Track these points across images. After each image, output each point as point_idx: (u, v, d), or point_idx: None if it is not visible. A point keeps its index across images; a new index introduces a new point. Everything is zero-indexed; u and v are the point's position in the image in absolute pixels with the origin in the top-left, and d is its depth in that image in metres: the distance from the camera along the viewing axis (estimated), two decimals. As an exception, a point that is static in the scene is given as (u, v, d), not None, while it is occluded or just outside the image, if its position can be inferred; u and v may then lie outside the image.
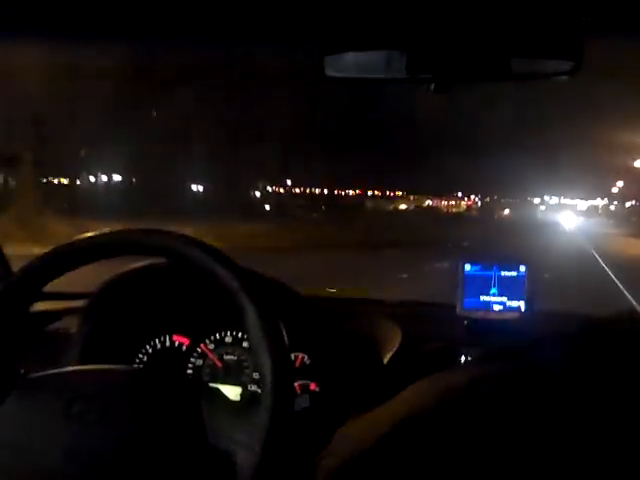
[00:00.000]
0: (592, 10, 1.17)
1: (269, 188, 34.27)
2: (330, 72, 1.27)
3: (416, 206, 46.94)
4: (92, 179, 25.56)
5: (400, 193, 50.14)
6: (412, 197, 52.54)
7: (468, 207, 56.52)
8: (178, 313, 1.51)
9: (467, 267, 1.56)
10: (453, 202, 57.40)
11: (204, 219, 15.88)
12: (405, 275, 10.38)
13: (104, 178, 25.36)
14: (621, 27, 1.29)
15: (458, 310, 1.57)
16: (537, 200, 60.87)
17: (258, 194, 34.03)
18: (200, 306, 1.49)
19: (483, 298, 1.56)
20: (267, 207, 31.22)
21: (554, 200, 59.66)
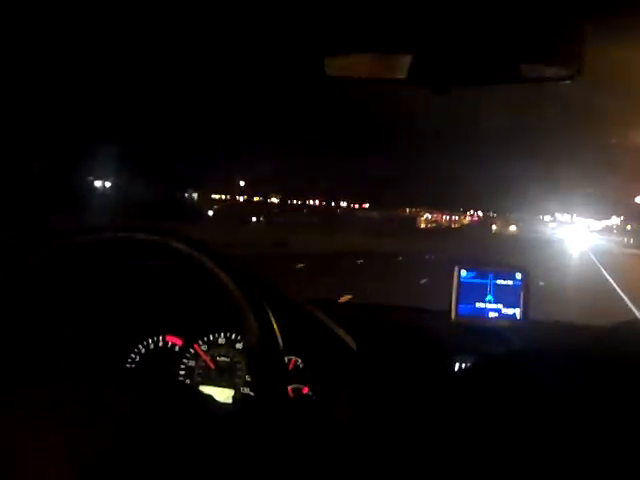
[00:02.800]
0: (592, 15, 1.18)
1: (215, 195, 31.76)
2: (330, 72, 1.28)
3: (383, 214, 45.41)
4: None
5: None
6: (409, 210, 52.21)
7: (471, 222, 56.13)
8: (172, 313, 1.51)
9: (463, 273, 1.56)
10: (456, 217, 56.96)
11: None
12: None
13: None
14: (623, 31, 1.29)
15: (453, 316, 1.56)
16: (548, 217, 59.91)
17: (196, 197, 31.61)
18: (194, 307, 1.49)
19: (478, 305, 1.55)
20: (210, 212, 29.18)
21: (566, 217, 58.51)
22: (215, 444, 0.91)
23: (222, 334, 1.50)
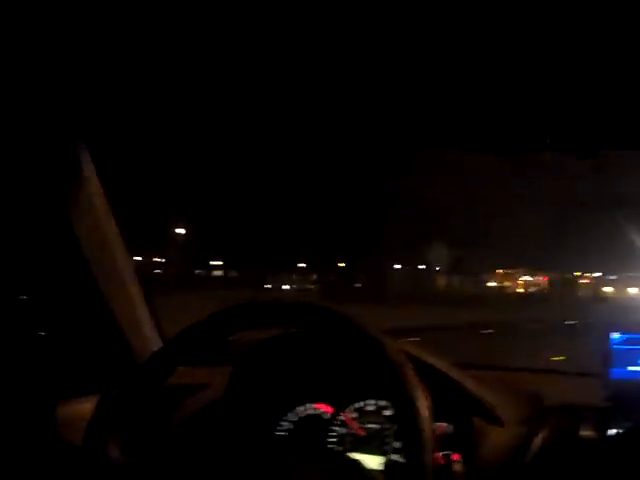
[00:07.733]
0: None
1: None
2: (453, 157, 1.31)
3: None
4: None
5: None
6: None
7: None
8: (320, 381, 1.56)
9: (614, 336, 1.53)
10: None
11: None
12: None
13: None
14: None
15: (605, 380, 1.53)
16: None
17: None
18: (341, 375, 1.54)
19: (631, 368, 1.51)
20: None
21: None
22: None
23: (371, 401, 1.53)
